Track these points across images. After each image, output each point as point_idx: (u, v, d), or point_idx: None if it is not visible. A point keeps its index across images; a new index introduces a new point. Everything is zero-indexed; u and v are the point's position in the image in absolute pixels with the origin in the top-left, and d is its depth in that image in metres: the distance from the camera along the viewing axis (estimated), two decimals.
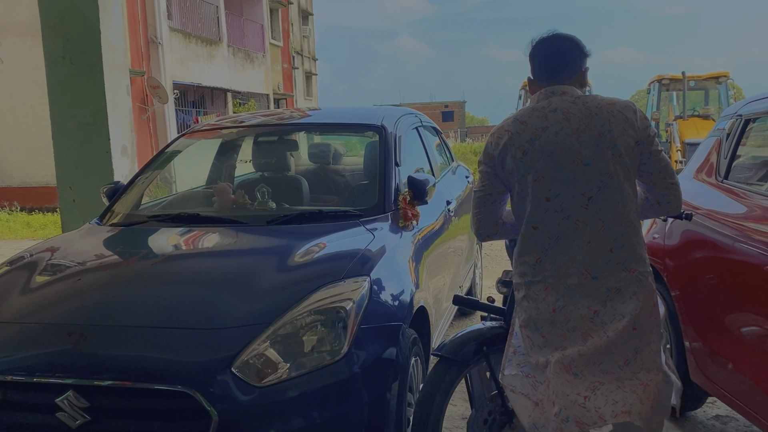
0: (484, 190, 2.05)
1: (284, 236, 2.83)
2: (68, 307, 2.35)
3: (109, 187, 3.52)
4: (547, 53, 2.04)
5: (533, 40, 2.06)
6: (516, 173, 1.95)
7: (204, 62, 18.37)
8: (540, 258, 1.94)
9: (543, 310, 1.95)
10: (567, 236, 1.91)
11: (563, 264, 1.92)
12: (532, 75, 2.06)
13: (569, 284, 1.92)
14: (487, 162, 2.01)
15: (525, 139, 1.93)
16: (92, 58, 5.02)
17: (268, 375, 2.07)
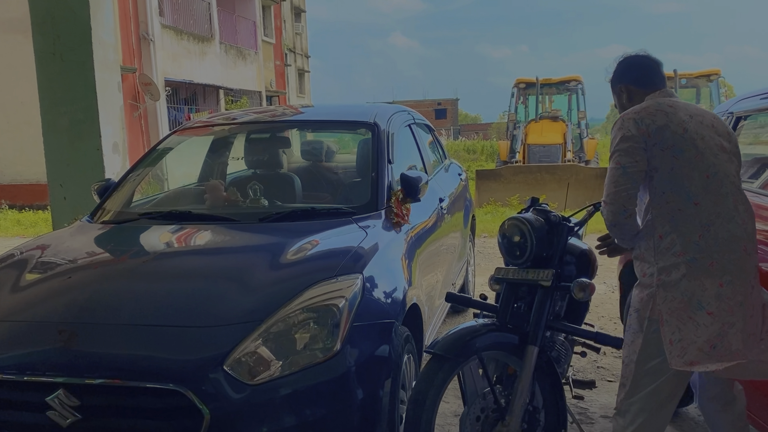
0: (637, 165, 2.07)
1: (276, 234, 2.82)
2: (59, 305, 2.33)
3: (100, 185, 3.50)
4: (651, 65, 2.32)
5: (626, 54, 2.38)
6: (674, 149, 2.06)
7: (196, 59, 18.29)
8: (702, 234, 2.02)
9: (709, 286, 2.00)
10: (726, 214, 2.04)
11: (725, 240, 2.02)
12: (632, 83, 2.30)
13: (733, 259, 2.02)
14: (641, 139, 2.07)
15: (682, 119, 2.10)
16: (83, 54, 4.99)
17: (261, 373, 2.06)
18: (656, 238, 2.07)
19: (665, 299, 2.04)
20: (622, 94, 2.33)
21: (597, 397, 3.50)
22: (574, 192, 10.99)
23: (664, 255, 2.05)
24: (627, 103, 2.30)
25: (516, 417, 2.32)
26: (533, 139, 14.25)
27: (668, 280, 2.04)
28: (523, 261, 2.48)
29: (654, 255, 2.07)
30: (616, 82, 2.35)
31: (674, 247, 2.03)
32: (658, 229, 2.07)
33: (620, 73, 2.34)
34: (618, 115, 2.27)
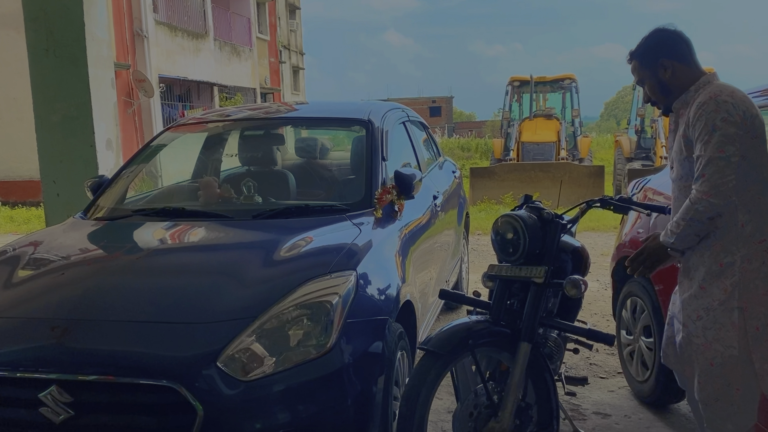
0: (738, 153, 1.99)
1: (270, 230, 2.82)
2: (52, 302, 2.33)
3: (93, 181, 3.49)
4: (691, 42, 2.20)
5: (663, 26, 2.21)
6: (761, 138, 2.04)
7: (190, 56, 18.23)
8: None
9: None
10: None
11: None
12: (678, 58, 2.15)
13: None
14: (740, 125, 1.99)
15: (757, 108, 2.08)
16: (76, 50, 4.98)
17: (254, 369, 2.07)
18: (738, 227, 2.04)
19: (747, 288, 2.04)
20: (665, 70, 2.15)
21: (589, 394, 3.52)
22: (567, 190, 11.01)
23: (747, 243, 2.04)
24: (671, 79, 2.15)
25: (508, 413, 2.33)
26: (527, 137, 14.28)
27: (750, 269, 2.04)
28: (516, 258, 2.49)
29: (736, 243, 2.04)
30: (657, 55, 2.16)
31: (755, 235, 2.04)
32: (740, 218, 2.03)
33: (662, 45, 2.17)
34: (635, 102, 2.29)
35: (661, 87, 2.18)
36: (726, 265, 2.06)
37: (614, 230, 7.38)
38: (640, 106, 14.31)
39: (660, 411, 3.29)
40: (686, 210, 2.04)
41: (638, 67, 2.23)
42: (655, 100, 2.24)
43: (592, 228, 8.51)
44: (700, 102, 2.04)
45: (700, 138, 2.01)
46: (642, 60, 2.20)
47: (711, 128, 1.99)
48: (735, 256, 2.04)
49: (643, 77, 2.22)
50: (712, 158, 1.97)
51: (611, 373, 3.82)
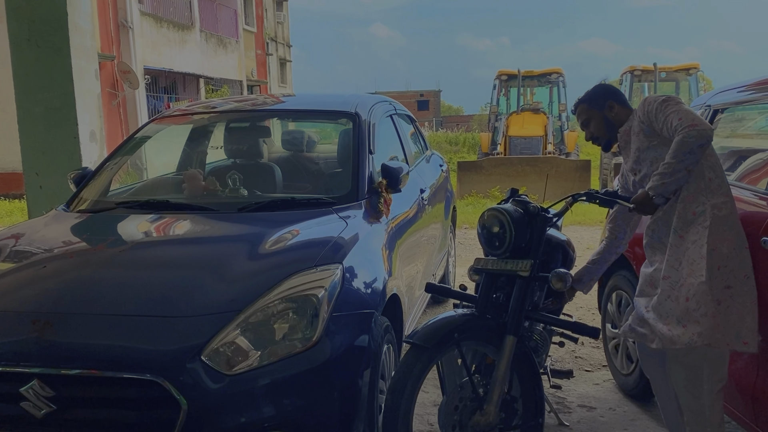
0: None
1: (256, 223, 2.80)
2: (33, 295, 2.29)
3: (76, 173, 3.44)
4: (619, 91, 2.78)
5: (604, 81, 2.97)
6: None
7: (176, 47, 18.07)
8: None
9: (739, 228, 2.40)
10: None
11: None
12: (619, 102, 2.64)
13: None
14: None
15: None
16: (59, 40, 4.91)
17: (239, 363, 2.05)
18: (706, 180, 2.35)
19: (715, 232, 2.30)
20: (611, 110, 2.62)
21: (575, 387, 3.54)
22: (554, 184, 11.05)
23: (714, 194, 2.34)
24: (615, 117, 2.62)
25: (494, 406, 2.34)
26: (514, 131, 14.30)
27: (720, 215, 2.31)
28: (502, 252, 2.49)
29: (705, 194, 2.34)
30: (605, 99, 2.63)
31: (722, 188, 2.35)
32: (706, 174, 2.36)
33: (607, 92, 2.67)
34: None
35: (607, 123, 2.62)
36: (698, 213, 2.34)
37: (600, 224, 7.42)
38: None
39: (644, 403, 3.32)
40: (677, 147, 2.28)
41: (586, 110, 2.66)
42: (598, 137, 2.67)
43: (578, 222, 8.55)
44: (641, 104, 2.48)
45: (658, 113, 2.38)
46: (591, 104, 2.65)
47: (664, 106, 2.37)
48: (705, 205, 2.33)
49: (590, 117, 2.65)
50: (677, 109, 2.33)
51: (596, 366, 3.85)
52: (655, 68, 13.74)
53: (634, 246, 3.27)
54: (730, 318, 2.27)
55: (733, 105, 3.06)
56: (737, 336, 2.27)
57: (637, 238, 3.28)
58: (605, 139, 2.67)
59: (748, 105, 3.04)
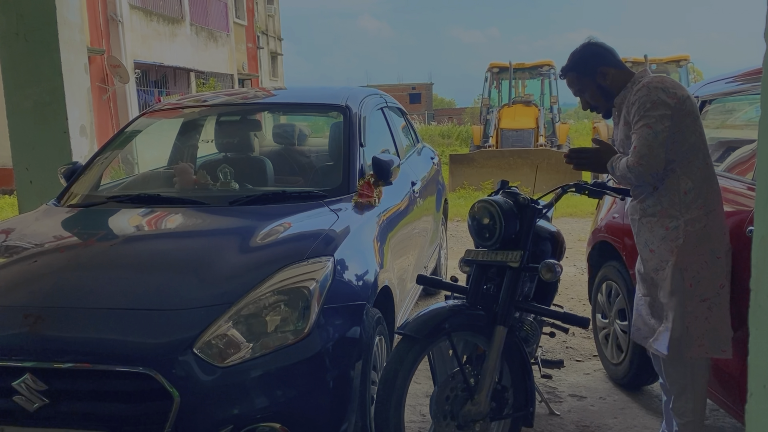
0: (667, 131, 2.31)
1: (247, 217, 2.81)
2: (24, 290, 2.29)
3: (66, 168, 3.43)
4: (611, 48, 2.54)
5: (591, 40, 2.53)
6: (694, 115, 2.36)
7: (166, 41, 17.95)
8: (713, 189, 2.42)
9: (721, 237, 2.39)
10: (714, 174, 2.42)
11: (718, 194, 2.42)
12: (613, 65, 2.44)
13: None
14: (671, 106, 2.29)
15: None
16: (47, 34, 4.87)
17: (231, 355, 2.06)
18: (681, 194, 2.31)
19: (687, 249, 2.30)
20: (605, 75, 2.42)
21: (565, 377, 3.57)
22: (546, 176, 11.08)
23: (689, 208, 2.30)
24: (610, 83, 2.42)
25: (484, 396, 2.36)
26: (506, 124, 14.32)
27: (693, 231, 2.29)
28: (492, 243, 2.51)
29: (679, 209, 2.31)
30: (595, 65, 2.42)
31: (697, 201, 2.30)
32: (682, 186, 2.31)
33: (596, 55, 2.44)
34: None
35: (603, 91, 2.44)
36: (671, 229, 2.33)
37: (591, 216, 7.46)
38: None
39: (634, 392, 3.35)
40: (624, 168, 2.31)
41: (576, 79, 2.47)
42: (596, 105, 2.50)
43: (569, 214, 8.60)
44: (636, 90, 2.33)
45: (635, 117, 2.29)
46: (581, 71, 2.45)
47: (643, 110, 2.27)
48: (679, 221, 2.31)
49: (582, 87, 2.47)
50: (642, 134, 2.26)
51: (587, 356, 3.88)
52: (645, 60, 13.78)
53: (623, 237, 3.30)
54: (709, 328, 2.31)
55: (722, 96, 3.09)
56: (716, 345, 2.31)
57: (625, 228, 3.31)
58: (605, 108, 2.52)
59: (737, 96, 3.06)
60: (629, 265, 3.19)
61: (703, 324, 2.31)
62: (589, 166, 2.51)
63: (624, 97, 2.41)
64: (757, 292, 1.01)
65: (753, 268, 1.03)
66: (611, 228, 3.46)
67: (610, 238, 3.43)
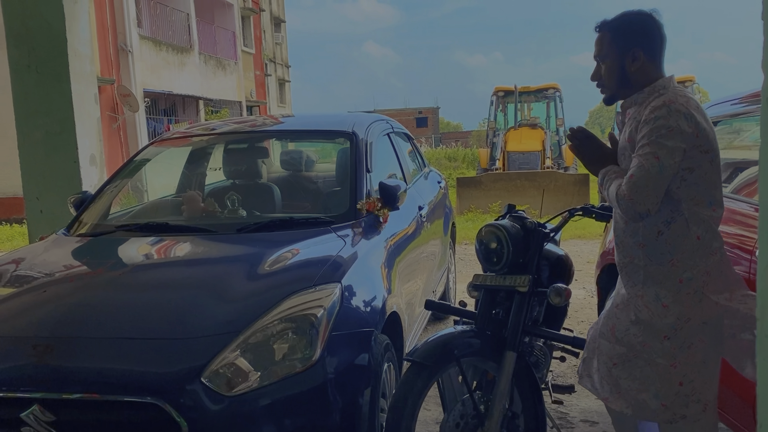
0: (676, 166, 1.92)
1: (254, 244, 2.82)
2: (34, 320, 2.30)
3: (76, 197, 3.47)
4: (665, 40, 2.03)
5: (654, 11, 2.01)
6: (712, 153, 1.95)
7: (175, 70, 18.21)
8: (718, 240, 2.05)
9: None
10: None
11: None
12: (649, 53, 1.98)
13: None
14: (688, 138, 1.89)
15: (710, 120, 1.99)
16: (58, 66, 4.95)
17: (239, 384, 2.06)
18: (694, 239, 1.94)
19: (708, 301, 1.96)
20: (633, 60, 1.98)
21: (577, 402, 3.53)
22: (553, 198, 11.08)
23: (704, 256, 1.95)
24: (634, 72, 1.99)
25: (495, 422, 2.33)
26: (512, 147, 14.37)
27: (709, 281, 1.96)
28: (500, 267, 2.50)
29: (693, 257, 1.95)
30: (632, 41, 1.97)
31: (710, 247, 1.96)
32: (693, 230, 1.94)
33: (642, 33, 1.99)
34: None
35: (622, 75, 2.01)
36: (686, 281, 1.96)
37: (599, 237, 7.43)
38: None
39: None
40: (613, 193, 1.94)
41: (607, 43, 2.01)
42: (604, 84, 2.06)
43: (578, 236, 8.56)
44: (655, 106, 1.90)
45: (643, 139, 1.89)
46: (616, 38, 2.00)
47: (656, 134, 1.86)
48: (694, 271, 1.95)
49: (607, 55, 2.02)
50: (644, 163, 1.86)
51: None
52: None
53: None
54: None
55: (727, 118, 3.09)
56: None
57: None
58: (611, 94, 2.09)
59: (743, 117, 3.06)
60: None
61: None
62: (585, 157, 2.11)
63: (634, 102, 2.02)
64: (762, 321, 1.00)
65: (758, 296, 1.02)
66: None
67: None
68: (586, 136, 2.12)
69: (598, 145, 2.10)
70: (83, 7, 5.14)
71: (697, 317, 1.96)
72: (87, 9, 5.23)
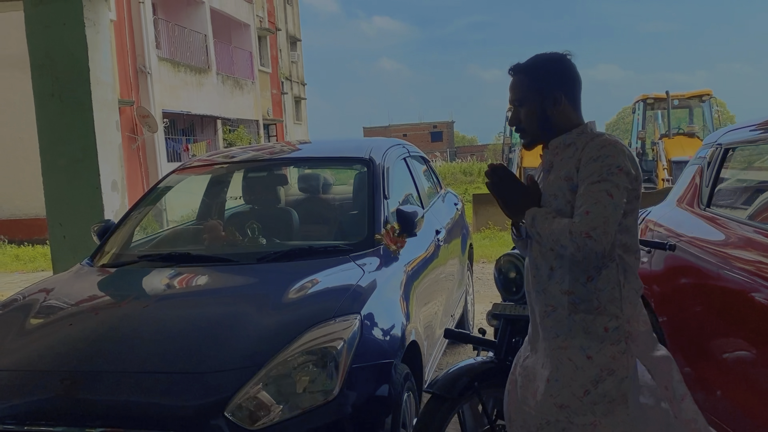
0: (623, 206, 1.83)
1: (274, 274, 2.85)
2: (59, 353, 2.35)
3: (99, 226, 3.53)
4: (580, 79, 1.98)
5: (568, 53, 1.96)
6: (638, 194, 1.89)
7: (193, 90, 18.47)
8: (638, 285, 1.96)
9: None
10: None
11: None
12: (571, 99, 1.93)
13: None
14: (632, 182, 1.85)
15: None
16: (81, 95, 5.07)
17: (261, 417, 2.08)
18: (620, 287, 1.84)
19: (632, 352, 1.84)
20: (555, 104, 1.91)
21: None
22: None
23: (629, 304, 1.85)
24: (556, 116, 1.91)
25: None
26: (528, 162, 14.34)
27: (635, 331, 1.85)
28: (519, 296, 2.50)
29: (620, 305, 1.84)
30: (554, 85, 1.91)
31: (634, 296, 1.87)
32: (620, 278, 1.84)
33: (562, 76, 1.93)
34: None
35: (543, 119, 1.92)
36: (611, 330, 1.83)
37: None
38: (640, 129, 14.39)
39: None
40: (562, 233, 1.77)
41: (525, 87, 1.93)
42: (524, 128, 1.96)
43: None
44: (601, 144, 1.82)
45: (593, 176, 1.78)
46: (535, 82, 1.92)
47: (607, 171, 1.78)
48: (620, 320, 1.84)
49: (524, 99, 1.93)
50: (600, 199, 1.75)
51: None
52: (667, 96, 13.76)
53: (651, 284, 3.27)
54: None
55: (743, 144, 3.08)
56: None
57: (653, 275, 3.28)
58: (532, 138, 1.98)
59: (760, 144, 3.06)
60: (658, 313, 3.16)
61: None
62: (505, 198, 1.94)
63: (565, 144, 1.91)
64: None
65: None
66: (640, 273, 3.43)
67: None
68: (507, 175, 1.97)
69: (519, 186, 1.95)
70: (105, 37, 5.26)
71: (621, 370, 1.82)
72: (108, 38, 5.36)
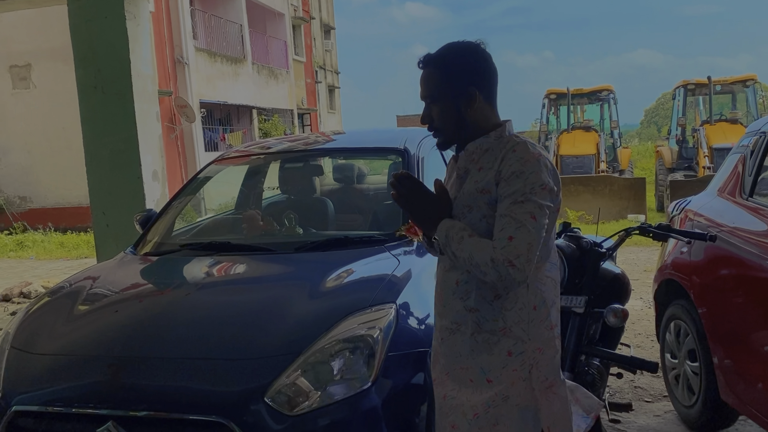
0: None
1: (312, 264, 2.89)
2: (105, 339, 2.44)
3: (142, 215, 3.63)
4: (496, 71, 1.78)
5: (481, 42, 1.76)
6: (557, 210, 1.76)
7: (229, 80, 18.68)
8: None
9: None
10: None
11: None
12: (487, 94, 1.75)
13: None
14: (554, 200, 1.70)
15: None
16: (123, 86, 5.20)
17: (300, 404, 2.12)
18: (530, 309, 1.72)
19: (537, 380, 1.73)
20: (470, 101, 1.72)
21: (635, 419, 3.48)
22: (608, 202, 10.86)
23: (538, 328, 1.73)
24: (471, 114, 1.73)
25: None
26: (566, 150, 14.16)
27: (543, 359, 1.74)
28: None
29: (528, 330, 1.72)
30: (468, 81, 1.72)
31: (547, 320, 1.74)
32: (531, 299, 1.72)
33: (478, 71, 1.74)
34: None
35: (458, 118, 1.74)
36: (515, 355, 1.72)
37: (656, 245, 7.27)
38: (680, 116, 14.07)
39: None
40: (483, 258, 1.61)
41: (436, 83, 1.74)
42: (437, 127, 1.78)
43: (634, 242, 8.37)
44: (522, 157, 1.66)
45: (516, 194, 1.63)
46: (447, 77, 1.73)
47: (530, 190, 1.63)
48: (526, 345, 1.72)
49: (438, 97, 1.75)
50: (525, 223, 1.60)
51: (657, 397, 3.77)
52: (709, 81, 13.41)
53: (691, 274, 3.23)
54: None
55: None
56: None
57: (693, 265, 3.23)
58: (446, 139, 1.81)
59: None
60: (698, 305, 3.11)
61: None
62: (415, 211, 1.77)
63: (482, 148, 1.75)
64: None
65: None
66: (678, 265, 3.39)
67: (678, 276, 3.35)
68: (414, 185, 1.77)
69: (429, 196, 1.77)
70: (144, 30, 5.37)
71: (516, 397, 1.72)
72: (148, 31, 5.47)
